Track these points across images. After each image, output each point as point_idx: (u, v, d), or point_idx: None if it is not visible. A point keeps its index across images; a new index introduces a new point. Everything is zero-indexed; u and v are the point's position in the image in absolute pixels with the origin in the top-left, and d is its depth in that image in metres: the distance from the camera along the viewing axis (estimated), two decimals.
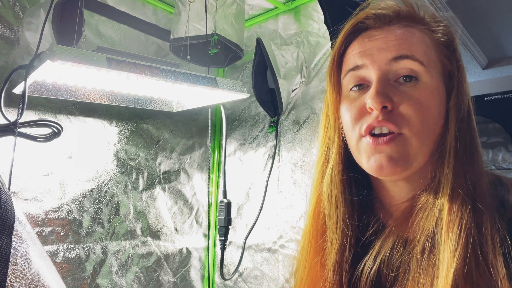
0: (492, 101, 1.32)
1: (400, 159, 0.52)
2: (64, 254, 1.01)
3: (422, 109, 0.51)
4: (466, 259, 0.46)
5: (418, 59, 0.52)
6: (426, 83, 0.52)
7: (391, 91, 0.52)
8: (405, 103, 0.52)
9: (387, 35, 0.55)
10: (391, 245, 0.55)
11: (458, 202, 0.49)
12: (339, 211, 0.59)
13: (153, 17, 1.26)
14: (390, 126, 0.51)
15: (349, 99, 0.57)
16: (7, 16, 0.95)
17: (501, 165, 1.31)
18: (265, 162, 1.28)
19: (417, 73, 0.52)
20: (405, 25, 0.55)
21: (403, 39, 0.53)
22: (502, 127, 1.31)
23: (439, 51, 0.55)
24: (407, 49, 0.53)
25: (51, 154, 1.00)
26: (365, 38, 0.56)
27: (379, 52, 0.54)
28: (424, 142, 0.52)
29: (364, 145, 0.54)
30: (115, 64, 0.75)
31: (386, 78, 0.53)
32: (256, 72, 1.14)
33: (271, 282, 1.22)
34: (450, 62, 0.55)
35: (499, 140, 1.32)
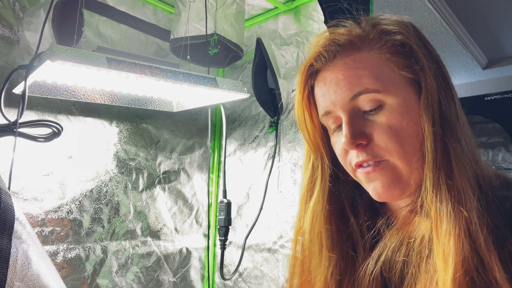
0: (492, 101, 1.31)
1: (393, 182, 0.52)
2: (64, 254, 1.01)
3: (395, 133, 0.51)
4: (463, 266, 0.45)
5: (372, 90, 0.52)
6: (391, 104, 0.52)
7: (362, 125, 0.53)
8: (377, 133, 0.52)
9: (336, 75, 0.55)
10: (394, 247, 0.55)
11: (441, 209, 0.48)
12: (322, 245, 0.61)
13: (153, 17, 1.26)
14: (371, 159, 0.53)
15: (334, 136, 0.59)
16: (7, 16, 0.95)
17: (501, 165, 1.31)
18: (265, 162, 1.28)
19: (377, 101, 0.52)
20: (349, 54, 0.55)
21: (350, 75, 0.54)
22: (502, 127, 1.31)
23: (393, 65, 0.53)
24: (358, 85, 0.53)
25: (51, 154, 1.00)
26: (320, 83, 0.58)
27: (336, 95, 0.55)
28: (411, 161, 0.51)
29: (359, 176, 0.56)
30: (115, 64, 0.75)
31: (353, 114, 0.54)
32: (256, 72, 1.14)
33: (271, 282, 1.22)
34: (409, 69, 0.53)
35: (499, 140, 1.32)
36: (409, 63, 0.53)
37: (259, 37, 1.10)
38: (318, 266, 0.61)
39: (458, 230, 0.47)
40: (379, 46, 0.54)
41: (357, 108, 0.54)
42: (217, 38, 1.00)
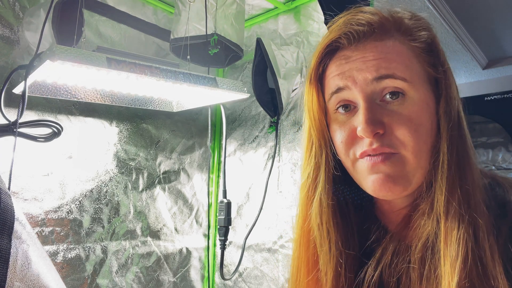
0: (492, 101, 1.31)
1: (398, 178, 0.50)
2: (64, 254, 1.01)
3: (414, 127, 0.50)
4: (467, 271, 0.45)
5: (399, 77, 0.50)
6: (413, 98, 0.50)
7: (380, 113, 0.50)
8: (396, 124, 0.50)
9: (364, 54, 0.52)
10: (392, 252, 0.54)
11: (454, 213, 0.47)
12: (332, 241, 0.57)
13: (153, 17, 1.26)
14: (386, 150, 0.50)
15: (338, 122, 0.55)
16: (7, 16, 0.95)
17: (501, 165, 1.31)
18: (265, 162, 1.28)
19: (402, 90, 0.50)
20: (381, 38, 0.52)
21: (381, 57, 0.51)
22: (502, 127, 1.31)
23: (422, 60, 0.52)
24: (386, 68, 0.50)
25: (51, 154, 1.00)
26: (341, 60, 0.54)
27: (359, 73, 0.51)
28: (421, 158, 0.50)
29: (360, 167, 0.53)
30: (115, 64, 0.75)
31: (372, 100, 0.51)
32: (256, 72, 1.14)
33: (271, 282, 1.22)
34: (434, 68, 0.53)
35: (499, 140, 1.32)
36: (435, 63, 0.53)
37: (259, 37, 1.10)
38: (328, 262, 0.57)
39: (467, 236, 0.46)
40: (411, 38, 0.53)
41: (377, 94, 0.51)
42: (217, 38, 1.00)
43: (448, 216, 0.48)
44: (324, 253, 0.58)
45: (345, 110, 0.54)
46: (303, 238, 0.62)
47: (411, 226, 0.53)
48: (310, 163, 0.59)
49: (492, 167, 1.33)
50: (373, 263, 0.55)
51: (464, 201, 0.47)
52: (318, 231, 0.58)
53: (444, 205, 0.48)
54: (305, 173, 0.60)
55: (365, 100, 0.51)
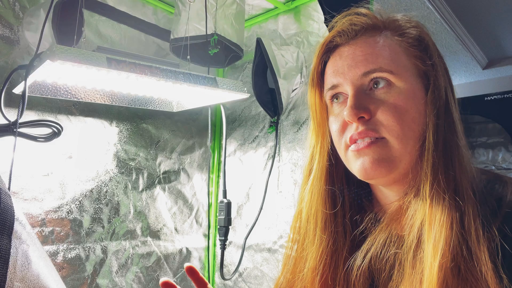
0: (492, 101, 1.31)
1: (382, 160, 0.53)
2: (64, 254, 1.01)
3: (399, 113, 0.53)
4: (451, 253, 0.47)
5: (386, 69, 0.54)
6: (399, 87, 0.54)
7: (367, 100, 0.55)
8: (381, 109, 0.54)
9: (354, 51, 0.57)
10: (383, 242, 0.56)
11: (438, 199, 0.50)
12: (317, 224, 0.62)
13: (153, 17, 1.26)
14: (370, 134, 0.54)
15: (333, 114, 0.60)
16: (7, 16, 0.95)
17: (501, 165, 1.31)
18: (265, 162, 1.28)
19: (388, 81, 0.54)
20: (371, 35, 0.58)
21: (369, 53, 0.56)
22: (502, 127, 1.31)
23: (409, 54, 0.56)
24: (373, 63, 0.55)
25: (51, 154, 1.00)
26: (336, 57, 0.59)
27: (349, 69, 0.56)
28: (407, 143, 0.53)
29: (350, 153, 0.57)
30: (115, 64, 0.75)
31: (360, 90, 0.56)
32: (256, 72, 1.14)
33: (271, 282, 1.22)
34: (422, 61, 0.56)
35: (499, 140, 1.32)
36: (423, 57, 0.56)
37: (259, 37, 1.10)
38: (311, 244, 0.62)
39: (451, 219, 0.48)
40: (400, 34, 0.57)
41: (366, 85, 0.56)
42: (217, 38, 1.00)
43: (433, 200, 0.50)
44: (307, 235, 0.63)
45: (338, 100, 0.60)
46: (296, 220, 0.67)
47: (401, 216, 0.55)
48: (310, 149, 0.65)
49: (492, 167, 1.33)
50: (362, 252, 0.58)
51: (448, 186, 0.50)
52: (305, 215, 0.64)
53: (429, 190, 0.51)
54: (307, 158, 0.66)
55: (354, 89, 0.56)
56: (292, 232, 0.68)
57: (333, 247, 0.61)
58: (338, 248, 0.61)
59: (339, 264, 0.60)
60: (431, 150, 0.52)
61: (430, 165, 0.51)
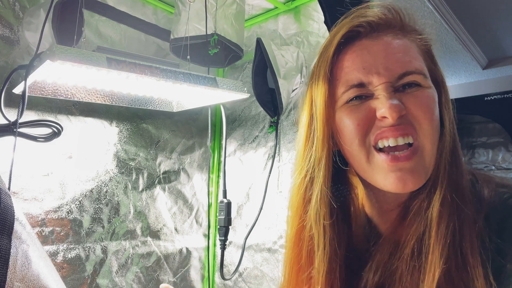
0: (492, 101, 1.31)
1: (421, 171, 0.51)
2: (64, 254, 1.01)
3: (429, 111, 0.52)
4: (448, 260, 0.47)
5: (421, 72, 0.53)
6: (428, 90, 0.53)
7: (399, 97, 0.52)
8: (414, 105, 0.51)
9: (386, 47, 0.53)
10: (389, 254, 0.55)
11: (448, 204, 0.49)
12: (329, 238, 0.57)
13: (153, 17, 1.26)
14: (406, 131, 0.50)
15: (349, 109, 0.54)
16: (7, 16, 0.95)
17: (501, 165, 1.31)
18: (265, 162, 1.28)
19: (420, 82, 0.53)
20: (396, 34, 0.55)
21: (403, 54, 0.53)
22: (502, 127, 1.31)
23: (427, 59, 0.56)
24: (409, 65, 0.52)
25: (51, 154, 1.00)
26: (363, 51, 0.54)
27: (385, 69, 0.52)
28: (434, 145, 0.52)
29: (379, 162, 0.52)
30: (115, 64, 0.75)
31: (394, 90, 0.53)
32: (256, 72, 1.13)
33: (271, 282, 1.22)
34: (434, 67, 0.57)
35: (499, 140, 1.32)
36: (433, 62, 0.57)
37: (259, 37, 1.10)
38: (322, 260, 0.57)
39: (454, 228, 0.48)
40: (421, 39, 0.57)
41: (398, 86, 0.53)
42: (217, 38, 1.00)
43: (443, 207, 0.49)
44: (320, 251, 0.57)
45: (359, 100, 0.54)
46: (296, 236, 0.61)
47: (405, 224, 0.53)
48: (308, 159, 0.58)
49: (492, 167, 1.33)
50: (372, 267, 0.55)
51: (459, 195, 0.50)
52: (315, 229, 0.57)
53: (441, 197, 0.50)
54: (303, 170, 0.59)
55: (389, 88, 0.52)
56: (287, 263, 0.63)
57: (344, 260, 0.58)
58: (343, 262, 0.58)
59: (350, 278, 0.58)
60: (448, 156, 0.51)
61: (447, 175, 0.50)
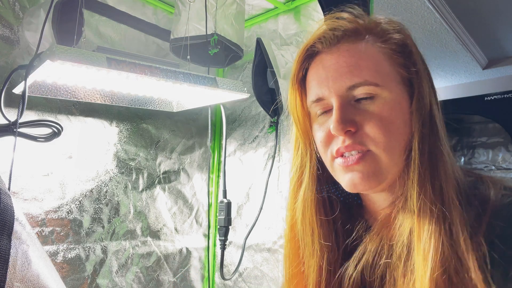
0: (492, 101, 1.31)
1: (372, 175, 0.53)
2: (64, 254, 1.01)
3: (384, 124, 0.52)
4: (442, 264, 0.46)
5: (371, 82, 0.53)
6: (385, 98, 0.53)
7: (353, 112, 0.53)
8: (367, 121, 0.53)
9: (337, 61, 0.55)
10: (374, 251, 0.56)
11: (425, 208, 0.49)
12: (314, 234, 0.60)
13: (153, 17, 1.26)
14: (357, 148, 0.53)
15: (318, 123, 0.58)
16: (7, 16, 0.95)
17: (501, 165, 1.31)
18: (265, 162, 1.28)
19: (373, 94, 0.53)
20: (353, 42, 0.55)
21: (353, 64, 0.54)
22: (502, 127, 1.31)
23: (393, 62, 0.55)
24: (359, 76, 0.53)
25: (51, 154, 1.00)
26: (318, 66, 0.57)
27: (334, 82, 0.54)
28: (393, 154, 0.53)
29: (337, 166, 0.56)
30: (115, 64, 0.75)
31: (346, 102, 0.54)
32: (256, 72, 1.13)
33: (271, 282, 1.22)
34: (406, 69, 0.55)
35: (499, 140, 1.32)
36: (407, 63, 0.55)
37: (259, 37, 1.10)
38: (311, 256, 0.61)
39: (439, 229, 0.48)
40: (383, 40, 0.55)
41: (351, 97, 0.54)
42: (217, 38, 1.00)
43: (421, 211, 0.50)
44: (307, 248, 0.61)
45: (323, 113, 0.58)
46: (291, 232, 0.65)
47: (391, 224, 0.55)
48: (297, 161, 0.63)
49: (492, 167, 1.33)
50: (354, 261, 0.57)
51: (436, 196, 0.49)
52: (301, 226, 0.62)
53: (416, 201, 0.50)
54: (293, 169, 0.64)
55: (339, 102, 0.54)
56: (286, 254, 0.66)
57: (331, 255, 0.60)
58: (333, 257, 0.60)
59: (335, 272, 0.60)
60: (417, 160, 0.51)
61: (417, 175, 0.51)
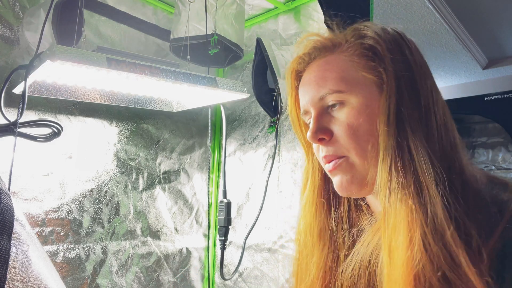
0: (492, 101, 1.31)
1: (351, 180, 0.56)
2: (64, 254, 1.01)
3: (353, 131, 0.55)
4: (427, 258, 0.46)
5: (335, 90, 0.56)
6: (352, 103, 0.56)
7: (327, 121, 0.58)
8: (337, 130, 0.56)
9: (310, 76, 0.61)
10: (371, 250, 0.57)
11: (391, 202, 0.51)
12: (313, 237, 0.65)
13: (153, 17, 1.26)
14: (334, 158, 0.57)
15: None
16: (7, 16, 0.95)
17: (501, 165, 1.31)
18: (265, 162, 1.28)
19: (339, 101, 0.56)
20: (324, 56, 0.60)
21: (319, 77, 0.59)
22: (502, 127, 1.31)
23: (358, 67, 0.56)
24: (323, 87, 0.57)
25: (51, 154, 1.00)
26: (303, 81, 0.63)
27: (309, 95, 0.60)
28: (369, 158, 0.54)
29: (327, 171, 0.60)
30: (115, 64, 0.75)
31: (321, 111, 0.59)
32: (256, 72, 1.13)
33: (271, 282, 1.22)
34: (374, 71, 0.55)
35: (499, 140, 1.32)
36: (374, 65, 0.56)
37: (259, 37, 1.10)
38: (310, 256, 0.64)
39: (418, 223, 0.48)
40: (348, 48, 0.58)
41: (326, 107, 0.58)
42: (217, 38, 1.00)
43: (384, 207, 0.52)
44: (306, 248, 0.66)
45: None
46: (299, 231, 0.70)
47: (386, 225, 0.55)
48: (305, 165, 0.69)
49: (492, 167, 1.33)
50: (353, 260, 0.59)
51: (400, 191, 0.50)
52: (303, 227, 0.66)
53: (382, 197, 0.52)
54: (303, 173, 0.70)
55: (315, 112, 0.59)
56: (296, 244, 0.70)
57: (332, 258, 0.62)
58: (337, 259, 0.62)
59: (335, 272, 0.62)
60: (381, 157, 0.52)
61: (381, 173, 0.52)
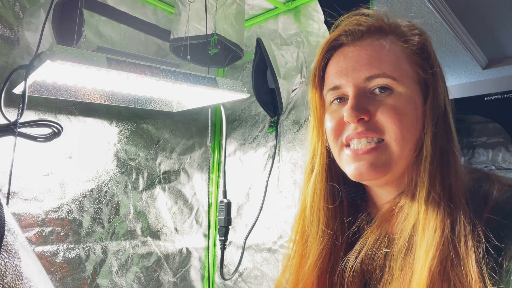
0: (492, 101, 1.31)
1: (381, 165, 0.55)
2: (64, 254, 1.01)
3: (398, 116, 0.54)
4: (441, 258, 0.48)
5: (389, 75, 0.55)
6: (400, 93, 0.55)
7: (367, 103, 0.55)
8: (381, 111, 0.54)
9: (359, 53, 0.57)
10: (374, 243, 0.57)
11: (433, 205, 0.51)
12: (320, 220, 0.63)
13: (153, 17, 1.26)
14: (369, 135, 0.55)
15: (330, 111, 0.61)
16: (7, 16, 0.95)
17: (501, 165, 1.31)
18: (265, 162, 1.28)
19: (390, 86, 0.55)
20: (377, 38, 0.58)
21: (373, 57, 0.56)
22: (502, 127, 1.31)
23: (411, 61, 0.57)
24: (377, 68, 0.55)
25: (51, 154, 1.00)
26: (340, 57, 0.60)
27: (353, 72, 0.57)
28: (404, 147, 0.54)
29: (344, 155, 0.58)
30: (115, 64, 0.75)
31: (362, 92, 0.56)
32: (256, 72, 1.13)
33: (271, 282, 1.22)
34: (423, 70, 0.57)
35: (499, 140, 1.32)
36: (424, 65, 0.57)
37: (259, 37, 1.10)
38: (314, 240, 0.63)
39: (443, 225, 0.49)
40: (404, 40, 0.58)
41: (367, 89, 0.56)
42: (217, 38, 1.00)
43: (428, 206, 0.51)
44: (312, 233, 0.64)
45: (339, 101, 0.60)
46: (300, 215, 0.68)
47: (393, 219, 0.57)
48: (311, 148, 0.66)
49: (492, 167, 1.33)
50: (355, 253, 0.59)
51: (444, 193, 0.51)
52: (309, 212, 0.64)
53: (425, 196, 0.52)
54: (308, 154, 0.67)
55: (355, 92, 0.56)
56: (293, 232, 0.69)
57: (333, 244, 0.62)
58: (336, 246, 0.62)
59: (337, 262, 0.61)
60: (429, 157, 0.53)
61: (428, 172, 0.52)
